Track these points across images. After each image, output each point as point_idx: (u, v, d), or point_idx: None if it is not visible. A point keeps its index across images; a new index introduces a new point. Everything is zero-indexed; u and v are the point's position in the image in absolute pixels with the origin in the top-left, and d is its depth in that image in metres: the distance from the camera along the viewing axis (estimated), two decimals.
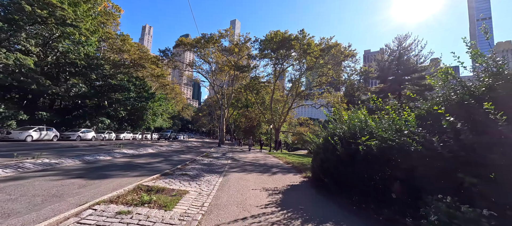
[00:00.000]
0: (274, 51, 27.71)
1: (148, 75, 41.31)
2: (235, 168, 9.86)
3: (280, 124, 32.20)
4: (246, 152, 20.85)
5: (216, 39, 30.02)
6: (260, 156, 17.18)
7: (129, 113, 38.62)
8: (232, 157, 15.11)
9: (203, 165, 9.97)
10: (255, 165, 11.52)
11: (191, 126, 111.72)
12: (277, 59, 28.51)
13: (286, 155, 19.97)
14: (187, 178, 6.81)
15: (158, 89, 50.08)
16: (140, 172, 7.30)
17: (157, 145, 21.84)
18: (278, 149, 25.25)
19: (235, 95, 37.16)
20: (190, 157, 12.90)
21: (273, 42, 26.34)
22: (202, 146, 25.98)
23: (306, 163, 13.27)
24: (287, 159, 15.58)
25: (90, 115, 30.14)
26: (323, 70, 26.59)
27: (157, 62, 32.14)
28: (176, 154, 13.94)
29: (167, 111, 55.56)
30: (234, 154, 17.41)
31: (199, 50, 34.16)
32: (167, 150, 16.48)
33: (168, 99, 56.96)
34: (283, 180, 7.66)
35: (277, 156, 18.24)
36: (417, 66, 31.63)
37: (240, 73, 34.44)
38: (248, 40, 32.54)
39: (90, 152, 11.35)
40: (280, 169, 10.52)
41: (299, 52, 25.81)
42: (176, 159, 11.28)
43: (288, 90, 33.88)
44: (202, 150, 19.70)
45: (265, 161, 13.81)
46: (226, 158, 13.90)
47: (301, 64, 26.64)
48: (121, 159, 10.15)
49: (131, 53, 29.83)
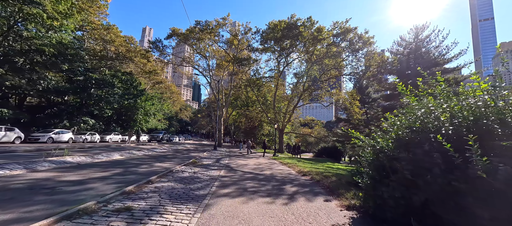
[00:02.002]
0: (278, 41, 24.25)
1: (140, 72, 37.92)
2: (229, 186, 6.31)
3: (285, 124, 28.66)
4: (246, 157, 17.27)
5: (212, 28, 26.62)
6: (264, 163, 13.61)
7: (118, 112, 35.15)
8: (228, 164, 11.56)
9: (179, 181, 6.43)
10: (259, 178, 7.96)
11: (190, 128, 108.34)
12: (282, 50, 25.04)
13: (295, 160, 16.38)
14: (122, 219, 3.28)
15: (153, 88, 46.68)
16: (22, 211, 3.72)
17: (140, 148, 18.29)
18: (297, 153, 21.74)
19: (234, 92, 33.66)
20: (167, 166, 9.34)
21: (277, 30, 22.92)
22: (195, 149, 22.41)
23: (328, 173, 9.72)
24: (299, 166, 12.03)
25: (70, 113, 26.63)
26: (337, 60, 23.01)
27: (147, 55, 28.63)
28: (150, 162, 10.37)
29: (163, 112, 52.16)
30: (231, 160, 13.85)
31: (194, 44, 30.75)
32: (143, 156, 12.91)
33: (164, 99, 53.60)
34: (314, 216, 4.11)
35: (284, 161, 14.67)
36: (438, 59, 28.14)
37: (240, 68, 31.00)
38: (249, 31, 29.16)
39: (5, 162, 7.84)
40: (298, 185, 6.97)
41: (308, 40, 22.36)
42: (142, 171, 7.72)
43: (293, 86, 30.34)
44: (192, 154, 16.13)
45: (272, 170, 10.25)
46: (219, 167, 10.35)
47: (310, 55, 23.17)
48: (42, 173, 6.64)
49: (116, 44, 26.43)
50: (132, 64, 34.57)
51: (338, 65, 23.72)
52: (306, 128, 51.13)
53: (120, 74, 27.30)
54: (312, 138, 46.79)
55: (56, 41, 19.39)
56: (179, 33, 27.65)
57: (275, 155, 20.30)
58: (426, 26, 31.12)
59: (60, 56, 19.20)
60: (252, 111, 34.81)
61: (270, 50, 28.04)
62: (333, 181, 8.07)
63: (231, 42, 31.18)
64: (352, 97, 28.08)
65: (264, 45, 27.28)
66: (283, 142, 29.76)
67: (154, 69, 34.53)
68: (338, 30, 19.74)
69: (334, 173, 10.49)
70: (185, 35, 27.51)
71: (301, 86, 27.76)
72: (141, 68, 33.29)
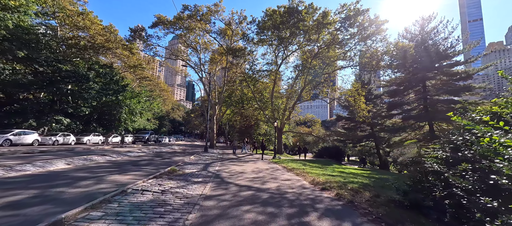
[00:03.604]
0: (277, 30, 21.57)
1: (125, 66, 34.45)
2: (213, 222, 3.57)
3: (285, 122, 26.05)
4: (241, 161, 14.51)
5: (202, 14, 23.66)
6: (264, 169, 10.91)
7: (100, 111, 31.64)
8: (218, 173, 8.79)
9: (124, 215, 3.65)
10: (263, 198, 5.24)
11: (184, 128, 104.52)
12: (280, 42, 22.38)
13: (301, 163, 13.73)
14: None
15: (140, 85, 43.15)
16: None
17: (112, 151, 15.23)
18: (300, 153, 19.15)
19: (228, 88, 30.78)
20: (127, 180, 6.48)
21: (275, 16, 20.25)
22: (182, 152, 19.47)
23: (353, 184, 7.14)
24: (309, 173, 9.39)
25: (39, 112, 23.17)
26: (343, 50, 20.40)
27: (129, 46, 25.31)
28: (104, 174, 7.42)
29: (152, 111, 48.67)
30: (222, 166, 11.08)
31: (184, 35, 27.67)
32: (105, 163, 9.92)
33: (153, 97, 50.09)
34: None
35: (288, 166, 12.02)
36: (449, 52, 26.17)
37: (235, 60, 28.14)
38: (243, 20, 26.35)
39: None
40: (325, 213, 4.27)
41: (310, 29, 19.77)
42: (67, 196, 4.78)
43: (293, 81, 27.71)
44: (175, 158, 13.22)
45: (277, 181, 7.54)
46: (206, 177, 7.57)
47: (314, 43, 20.60)
48: None
49: (92, 32, 23.06)
50: (114, 57, 31.15)
51: (345, 56, 21.23)
52: (303, 127, 48.74)
53: (97, 67, 23.94)
54: (311, 137, 44.45)
55: (12, 24, 16.04)
56: (165, 21, 24.55)
57: (275, 157, 17.65)
58: (433, 17, 29.09)
59: (14, 40, 15.83)
60: (247, 109, 32.02)
61: (266, 43, 25.34)
62: (371, 200, 5.46)
63: (225, 33, 28.29)
64: (356, 92, 25.75)
65: (260, 37, 24.54)
66: (282, 142, 27.14)
67: (139, 63, 31.16)
68: (347, 12, 17.20)
69: (359, 183, 7.91)
70: (172, 23, 24.44)
71: (303, 80, 25.19)
72: (124, 62, 29.89)
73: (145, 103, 38.79)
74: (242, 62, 26.86)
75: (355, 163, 37.78)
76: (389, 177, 12.56)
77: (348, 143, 36.05)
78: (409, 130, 29.27)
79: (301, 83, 26.83)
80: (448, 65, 26.41)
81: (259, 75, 25.94)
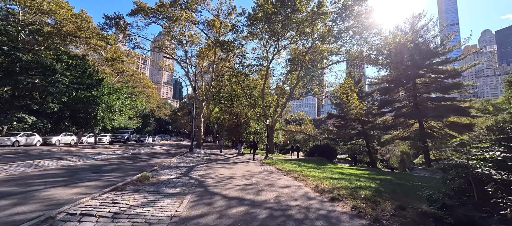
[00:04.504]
0: (268, 21, 20.17)
1: (103, 60, 31.39)
2: None
3: (277, 120, 24.80)
4: (230, 163, 12.99)
5: (187, 2, 21.62)
6: (257, 172, 9.48)
7: (73, 108, 28.50)
8: (202, 180, 7.22)
9: None
10: (260, 218, 3.82)
11: (171, 128, 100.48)
12: (273, 32, 20.98)
13: (296, 165, 12.45)
14: None
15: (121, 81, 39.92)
16: None
17: (78, 153, 13.07)
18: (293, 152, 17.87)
19: (216, 84, 28.96)
20: (72, 195, 4.77)
21: (268, 5, 18.80)
22: (165, 153, 17.53)
23: (364, 190, 5.91)
24: (309, 177, 8.11)
25: None
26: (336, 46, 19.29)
27: (105, 36, 22.57)
28: (38, 188, 5.63)
29: (135, 109, 45.52)
30: (208, 170, 9.50)
31: (168, 27, 25.45)
32: (54, 170, 7.97)
33: (136, 94, 46.88)
34: None
35: (283, 168, 10.70)
36: (438, 50, 26.23)
37: (223, 55, 26.38)
38: (233, 11, 24.65)
39: None
40: None
41: (303, 21, 18.53)
42: None
43: (284, 77, 26.48)
44: (153, 161, 11.39)
45: (274, 189, 6.13)
46: (185, 187, 5.98)
47: (308, 36, 19.41)
48: None
49: (59, 17, 20.21)
50: (89, 49, 28.10)
51: (339, 50, 20.25)
52: (293, 125, 47.94)
53: (66, 58, 21.12)
54: (301, 136, 43.68)
55: None
56: (146, 8, 22.23)
57: (267, 157, 16.28)
58: (423, 15, 29.18)
59: None
60: (237, 106, 30.42)
61: (257, 37, 23.87)
62: (397, 214, 4.23)
63: (212, 25, 26.42)
64: (349, 89, 25.07)
65: (251, 29, 23.00)
66: (273, 141, 25.89)
67: (118, 55, 28.35)
68: (344, 1, 16.07)
69: (369, 188, 6.72)
70: (154, 11, 22.19)
71: (296, 75, 23.98)
72: (100, 54, 26.98)
73: (126, 100, 35.86)
74: (231, 56, 25.19)
75: (345, 161, 37.55)
76: (390, 177, 11.65)
77: (339, 141, 35.66)
78: (399, 128, 29.25)
79: (291, 80, 25.66)
80: (438, 63, 26.50)
81: (249, 70, 24.42)
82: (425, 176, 14.19)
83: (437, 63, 26.65)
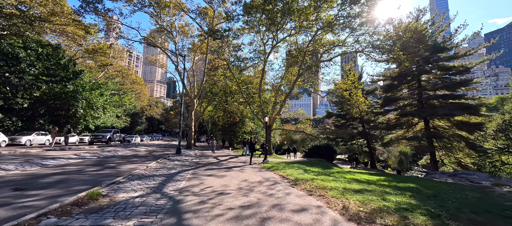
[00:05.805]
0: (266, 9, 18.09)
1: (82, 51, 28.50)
2: None
3: (275, 118, 22.75)
4: (223, 168, 10.84)
5: None
6: (256, 182, 7.35)
7: (50, 104, 25.59)
8: (179, 197, 5.04)
9: None
10: None
11: (163, 127, 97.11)
12: (272, 21, 18.91)
13: (301, 170, 10.38)
14: None
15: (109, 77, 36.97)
16: None
17: (38, 155, 10.60)
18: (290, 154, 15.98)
19: (208, 78, 26.64)
20: None
21: None
22: (148, 155, 15.16)
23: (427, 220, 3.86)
24: (325, 189, 6.07)
25: None
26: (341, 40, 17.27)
27: (83, 25, 19.86)
28: None
29: (123, 107, 42.43)
30: (194, 180, 7.32)
31: (156, 15, 23.03)
32: None
33: (124, 90, 43.80)
34: None
35: (288, 175, 8.65)
36: (447, 44, 24.78)
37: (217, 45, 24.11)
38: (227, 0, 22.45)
39: None
40: None
41: (307, 6, 16.55)
42: None
43: (283, 74, 24.43)
44: (125, 167, 9.08)
45: (288, 221, 4.06)
46: (144, 217, 3.82)
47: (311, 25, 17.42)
48: None
49: (29, 1, 17.36)
50: (68, 39, 25.22)
51: (342, 42, 18.34)
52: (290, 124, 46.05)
53: (35, 46, 18.35)
54: (298, 136, 41.79)
55: None
56: None
57: (266, 160, 14.18)
58: (426, 9, 27.90)
59: None
60: (231, 104, 28.19)
61: (253, 30, 21.77)
62: None
63: (205, 13, 24.11)
64: (353, 85, 23.28)
65: (248, 18, 20.84)
66: (270, 141, 23.85)
67: (100, 47, 25.60)
68: None
69: (418, 207, 4.73)
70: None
71: (296, 70, 21.97)
72: (79, 44, 24.19)
73: (112, 97, 33.03)
74: (226, 48, 22.97)
75: (345, 162, 35.95)
76: (414, 184, 9.72)
77: (339, 140, 33.99)
78: (404, 127, 27.77)
79: (291, 74, 23.65)
80: (445, 58, 25.08)
81: (244, 64, 22.27)
82: (446, 180, 12.42)
83: (445, 58, 25.23)
